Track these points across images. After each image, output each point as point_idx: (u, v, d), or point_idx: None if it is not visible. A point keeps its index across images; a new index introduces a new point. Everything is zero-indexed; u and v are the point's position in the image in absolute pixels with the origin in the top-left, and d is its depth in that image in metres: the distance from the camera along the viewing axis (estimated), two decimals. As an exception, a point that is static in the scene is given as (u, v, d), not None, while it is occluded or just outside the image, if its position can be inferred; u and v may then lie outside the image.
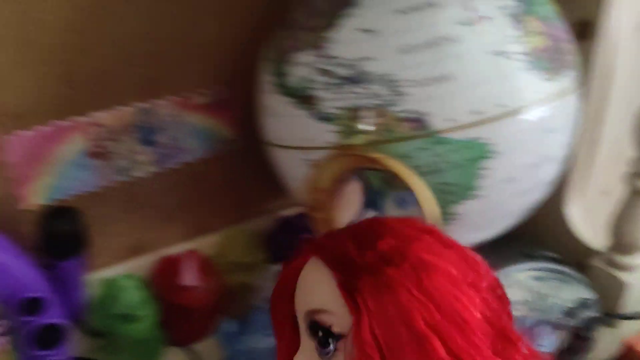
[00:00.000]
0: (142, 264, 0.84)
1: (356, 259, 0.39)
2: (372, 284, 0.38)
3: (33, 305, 0.69)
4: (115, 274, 0.80)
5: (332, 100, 0.61)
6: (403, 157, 0.60)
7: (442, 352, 0.37)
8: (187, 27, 0.77)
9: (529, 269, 0.82)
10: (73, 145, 0.74)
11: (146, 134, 0.79)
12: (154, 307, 0.81)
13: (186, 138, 0.82)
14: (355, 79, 0.59)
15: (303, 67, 0.63)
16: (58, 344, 0.72)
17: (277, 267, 0.86)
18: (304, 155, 0.65)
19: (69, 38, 0.70)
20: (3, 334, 0.70)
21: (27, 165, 0.72)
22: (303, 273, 0.42)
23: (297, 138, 0.65)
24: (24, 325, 0.69)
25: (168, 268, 0.84)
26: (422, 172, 0.60)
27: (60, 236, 0.68)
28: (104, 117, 0.75)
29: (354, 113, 0.60)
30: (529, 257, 0.83)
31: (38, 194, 0.74)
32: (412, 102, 0.59)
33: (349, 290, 0.38)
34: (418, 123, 0.59)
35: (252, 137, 0.87)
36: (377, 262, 0.39)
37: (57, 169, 0.74)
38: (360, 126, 0.60)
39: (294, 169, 0.69)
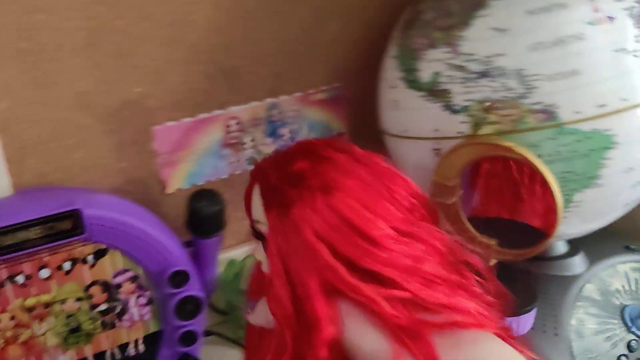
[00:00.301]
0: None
1: (272, 182, 0.48)
2: (277, 203, 0.46)
3: (179, 279, 0.76)
4: (238, 255, 0.88)
5: (464, 94, 0.66)
6: (531, 146, 0.65)
7: (328, 255, 0.43)
8: (311, 28, 0.84)
9: (630, 262, 0.85)
10: (211, 136, 0.82)
11: (272, 127, 0.86)
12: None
13: (304, 131, 0.89)
14: (488, 74, 0.65)
15: (436, 63, 0.68)
16: (197, 315, 0.79)
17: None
18: (433, 145, 0.71)
19: (213, 37, 0.77)
20: (147, 304, 0.77)
21: (172, 153, 0.80)
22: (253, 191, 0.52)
23: (426, 129, 0.71)
24: (168, 297, 0.77)
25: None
26: (548, 160, 0.65)
27: (204, 215, 0.75)
28: (238, 110, 0.82)
29: (485, 105, 0.65)
30: (630, 250, 0.86)
31: (179, 180, 0.82)
32: (542, 95, 0.64)
33: (265, 209, 0.48)
34: (547, 114, 0.64)
35: (362, 130, 0.94)
36: (284, 184, 0.47)
37: (197, 157, 0.82)
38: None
39: (417, 159, 0.75)
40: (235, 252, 0.88)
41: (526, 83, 0.64)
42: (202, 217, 0.75)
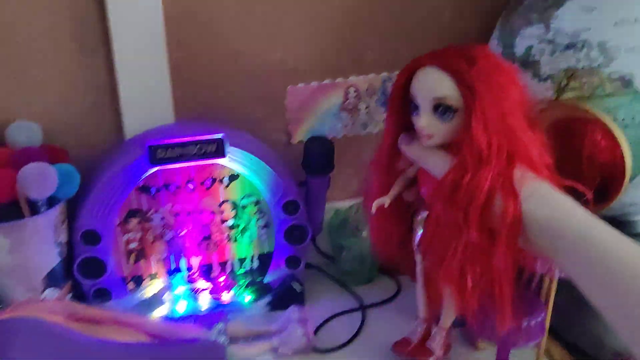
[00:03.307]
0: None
1: (467, 69, 0.61)
2: (482, 84, 0.60)
3: (291, 207, 0.91)
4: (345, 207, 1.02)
5: (551, 64, 0.76)
6: (607, 111, 0.72)
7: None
8: (427, 16, 0.97)
9: None
10: (332, 100, 0.98)
11: (385, 98, 1.00)
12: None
13: (413, 107, 1.02)
14: (574, 46, 0.74)
15: (529, 39, 0.79)
16: (302, 242, 0.93)
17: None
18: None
19: (345, 16, 0.94)
20: (264, 227, 0.93)
21: (299, 111, 0.97)
22: (422, 74, 0.63)
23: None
24: (281, 222, 0.92)
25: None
26: (623, 125, 0.72)
27: (316, 154, 0.91)
28: (358, 80, 0.98)
29: (568, 73, 0.74)
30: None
31: (302, 133, 0.99)
32: (621, 66, 0.72)
33: (465, 86, 0.61)
34: (623, 82, 0.71)
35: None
36: (481, 73, 0.61)
37: (318, 116, 0.98)
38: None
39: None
40: (342, 203, 1.02)
41: (607, 54, 0.72)
42: (314, 155, 0.91)
